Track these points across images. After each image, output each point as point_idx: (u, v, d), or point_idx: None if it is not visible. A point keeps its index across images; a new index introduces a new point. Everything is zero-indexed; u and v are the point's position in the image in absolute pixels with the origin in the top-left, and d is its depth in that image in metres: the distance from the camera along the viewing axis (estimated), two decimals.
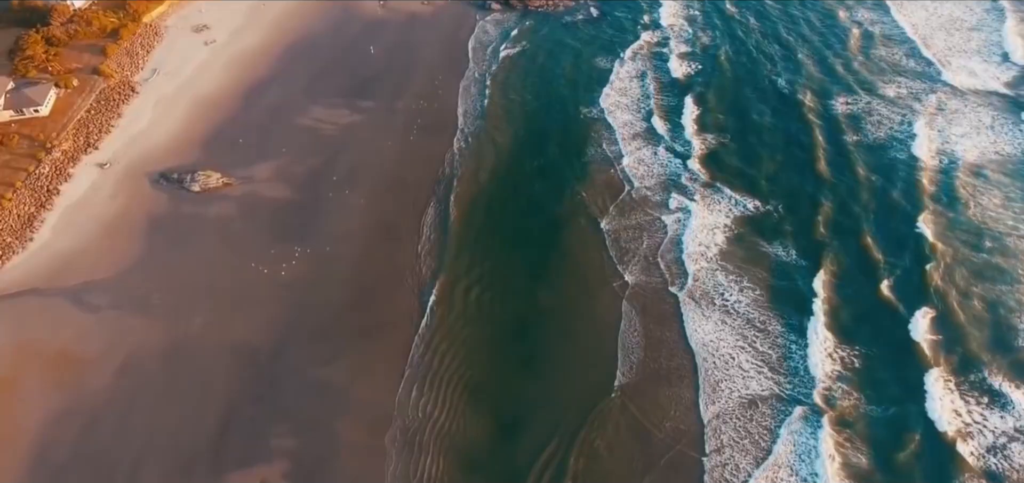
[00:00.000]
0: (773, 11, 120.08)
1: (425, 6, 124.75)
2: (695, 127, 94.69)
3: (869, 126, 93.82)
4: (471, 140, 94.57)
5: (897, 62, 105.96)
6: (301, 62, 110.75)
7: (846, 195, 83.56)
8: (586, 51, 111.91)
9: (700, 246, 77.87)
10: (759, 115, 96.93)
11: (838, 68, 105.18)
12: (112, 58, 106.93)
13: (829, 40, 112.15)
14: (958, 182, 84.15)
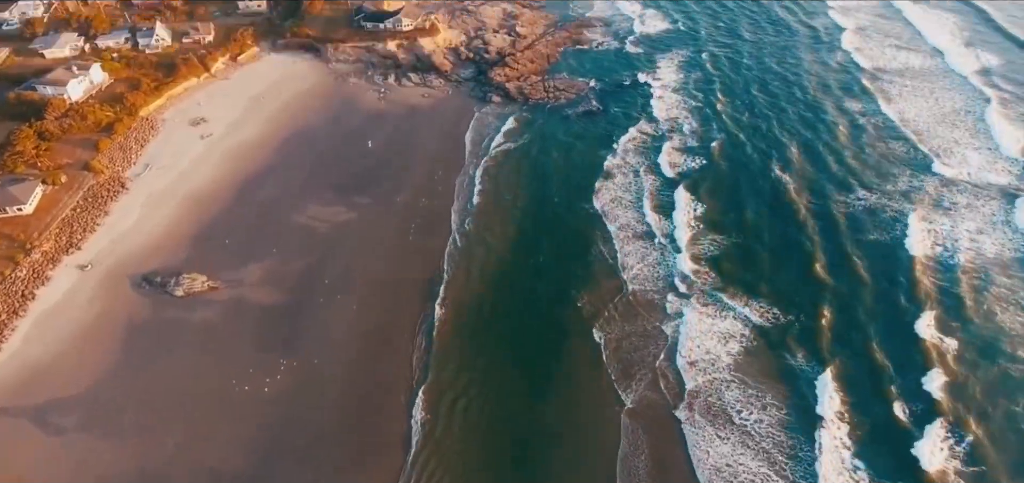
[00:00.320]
0: (764, 104, 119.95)
1: (425, 98, 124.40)
2: (692, 227, 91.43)
3: (865, 223, 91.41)
4: (469, 239, 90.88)
5: (889, 154, 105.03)
6: (298, 156, 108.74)
7: (847, 299, 79.90)
8: (584, 146, 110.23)
9: (699, 357, 73.20)
10: (755, 213, 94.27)
11: (830, 162, 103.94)
12: (104, 153, 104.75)
13: (820, 132, 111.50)
14: (959, 282, 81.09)
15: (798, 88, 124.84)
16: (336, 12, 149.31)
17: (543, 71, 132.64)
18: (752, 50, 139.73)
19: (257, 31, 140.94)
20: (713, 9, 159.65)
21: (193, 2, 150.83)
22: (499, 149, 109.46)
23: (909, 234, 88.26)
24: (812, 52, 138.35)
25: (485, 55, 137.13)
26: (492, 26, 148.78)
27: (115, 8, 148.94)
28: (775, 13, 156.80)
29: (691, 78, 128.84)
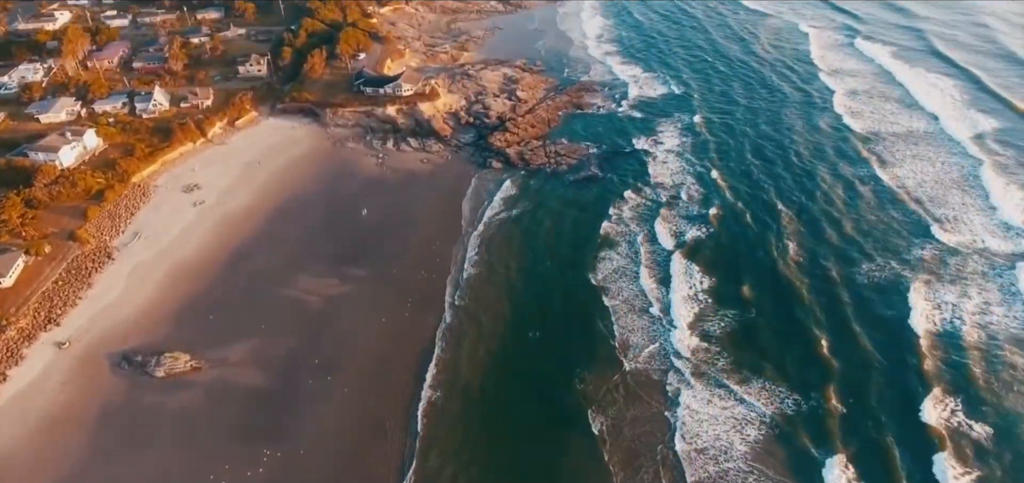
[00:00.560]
0: (760, 170, 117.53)
1: (424, 164, 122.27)
2: (692, 301, 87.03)
3: (868, 296, 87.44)
4: (464, 315, 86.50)
5: (888, 222, 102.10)
6: (292, 224, 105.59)
7: (853, 381, 75.10)
8: (583, 214, 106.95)
9: (702, 445, 68.06)
10: (755, 285, 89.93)
11: (829, 231, 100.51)
12: (92, 221, 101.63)
13: (817, 199, 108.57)
14: (966, 360, 76.82)
15: (794, 153, 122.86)
16: (336, 76, 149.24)
17: (544, 136, 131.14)
18: (747, 115, 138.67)
19: (256, 95, 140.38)
20: (708, 74, 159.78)
21: (193, 67, 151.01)
22: (498, 217, 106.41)
23: (913, 307, 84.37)
24: (806, 116, 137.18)
25: (485, 120, 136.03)
26: (492, 90, 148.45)
27: (115, 73, 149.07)
28: (768, 78, 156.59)
29: (689, 143, 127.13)
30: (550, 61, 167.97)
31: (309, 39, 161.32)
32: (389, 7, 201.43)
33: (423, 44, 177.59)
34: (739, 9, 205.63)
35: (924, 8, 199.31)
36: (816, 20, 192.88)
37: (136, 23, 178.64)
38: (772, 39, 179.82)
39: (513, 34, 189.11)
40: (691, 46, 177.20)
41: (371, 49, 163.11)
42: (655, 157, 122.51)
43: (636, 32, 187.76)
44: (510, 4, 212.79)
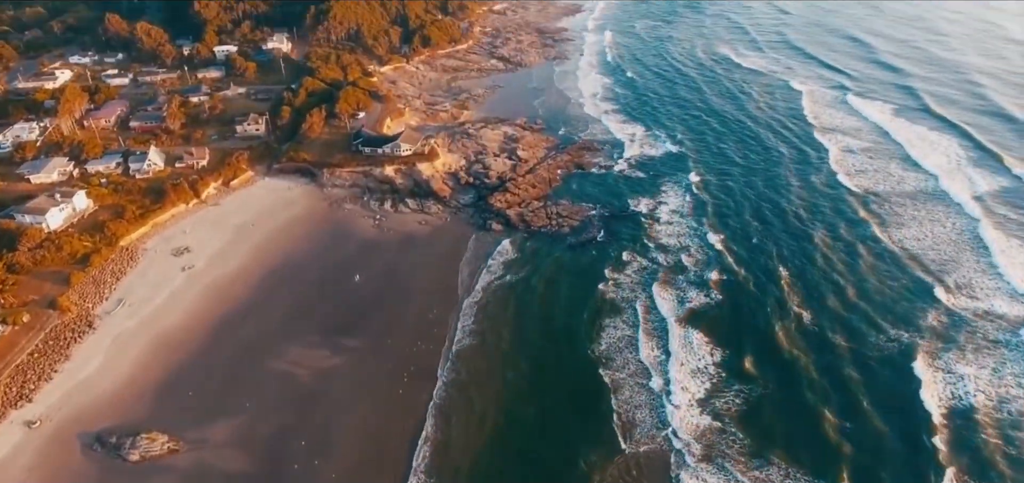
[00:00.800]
0: (760, 232, 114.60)
1: (422, 226, 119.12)
2: (694, 377, 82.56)
3: (874, 368, 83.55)
4: (460, 391, 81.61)
5: (890, 286, 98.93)
6: (284, 290, 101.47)
7: (866, 465, 70.60)
8: (584, 280, 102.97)
9: None
10: (758, 358, 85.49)
11: (832, 297, 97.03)
12: (75, 287, 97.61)
13: (819, 263, 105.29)
14: (979, 435, 73.08)
15: (793, 214, 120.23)
16: (335, 135, 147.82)
17: (544, 196, 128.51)
18: (745, 174, 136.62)
19: (253, 155, 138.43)
20: (704, 132, 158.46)
21: (191, 126, 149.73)
22: (498, 283, 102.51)
23: (923, 381, 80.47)
24: (803, 175, 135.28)
25: (485, 180, 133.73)
26: (493, 149, 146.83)
27: (111, 132, 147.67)
28: (764, 136, 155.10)
29: (689, 204, 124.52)
30: (550, 119, 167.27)
31: (309, 98, 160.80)
32: (390, 66, 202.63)
33: (423, 102, 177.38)
34: (732, 68, 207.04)
35: (914, 67, 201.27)
36: (808, 78, 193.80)
37: (137, 82, 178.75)
38: (766, 97, 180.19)
39: (513, 92, 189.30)
40: (686, 104, 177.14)
41: (371, 108, 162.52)
42: (656, 219, 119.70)
43: (632, 90, 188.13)
44: (510, 63, 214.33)
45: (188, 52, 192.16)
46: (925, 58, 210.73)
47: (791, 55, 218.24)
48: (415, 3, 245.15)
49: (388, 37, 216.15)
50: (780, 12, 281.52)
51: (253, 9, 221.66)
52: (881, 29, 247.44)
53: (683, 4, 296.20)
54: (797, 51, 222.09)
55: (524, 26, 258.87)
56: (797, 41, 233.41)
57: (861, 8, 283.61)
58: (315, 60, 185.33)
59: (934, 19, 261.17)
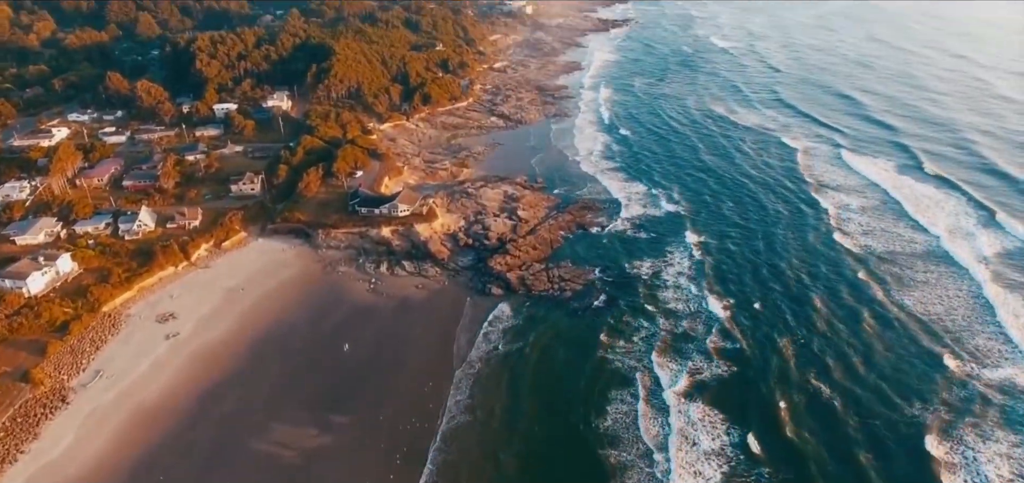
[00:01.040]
0: (764, 300, 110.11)
1: (419, 290, 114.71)
2: (701, 462, 77.40)
3: (890, 449, 78.76)
4: (453, 475, 75.86)
5: (899, 357, 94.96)
6: (273, 359, 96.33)
7: None
8: (588, 349, 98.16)
9: None
10: (767, 442, 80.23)
11: (837, 367, 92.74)
12: (51, 358, 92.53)
13: (823, 331, 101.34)
14: None
15: (794, 279, 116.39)
16: (332, 195, 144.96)
17: (546, 258, 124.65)
18: (745, 236, 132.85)
19: (247, 215, 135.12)
20: (705, 193, 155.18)
21: (186, 185, 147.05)
22: (496, 352, 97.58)
23: (936, 457, 76.63)
24: (803, 237, 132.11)
25: (485, 241, 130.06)
26: (493, 209, 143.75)
27: (103, 191, 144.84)
28: (762, 195, 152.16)
29: (691, 268, 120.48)
30: (550, 177, 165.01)
31: (306, 156, 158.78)
32: (390, 123, 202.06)
33: (422, 161, 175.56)
34: (727, 125, 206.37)
35: (908, 124, 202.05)
36: (802, 135, 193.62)
37: (134, 140, 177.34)
38: (761, 155, 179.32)
39: (513, 150, 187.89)
40: (684, 162, 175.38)
41: (369, 167, 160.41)
42: (657, 283, 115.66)
43: (631, 148, 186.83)
44: (510, 120, 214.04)
45: (187, 110, 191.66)
46: (918, 115, 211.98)
47: (785, 112, 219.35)
48: (416, 61, 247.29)
49: (388, 95, 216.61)
50: (771, 69, 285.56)
51: (255, 67, 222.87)
52: (872, 86, 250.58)
53: (677, 62, 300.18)
54: (790, 108, 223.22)
55: (524, 83, 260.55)
56: (790, 98, 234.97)
57: (850, 66, 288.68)
58: (314, 118, 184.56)
59: (924, 77, 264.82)
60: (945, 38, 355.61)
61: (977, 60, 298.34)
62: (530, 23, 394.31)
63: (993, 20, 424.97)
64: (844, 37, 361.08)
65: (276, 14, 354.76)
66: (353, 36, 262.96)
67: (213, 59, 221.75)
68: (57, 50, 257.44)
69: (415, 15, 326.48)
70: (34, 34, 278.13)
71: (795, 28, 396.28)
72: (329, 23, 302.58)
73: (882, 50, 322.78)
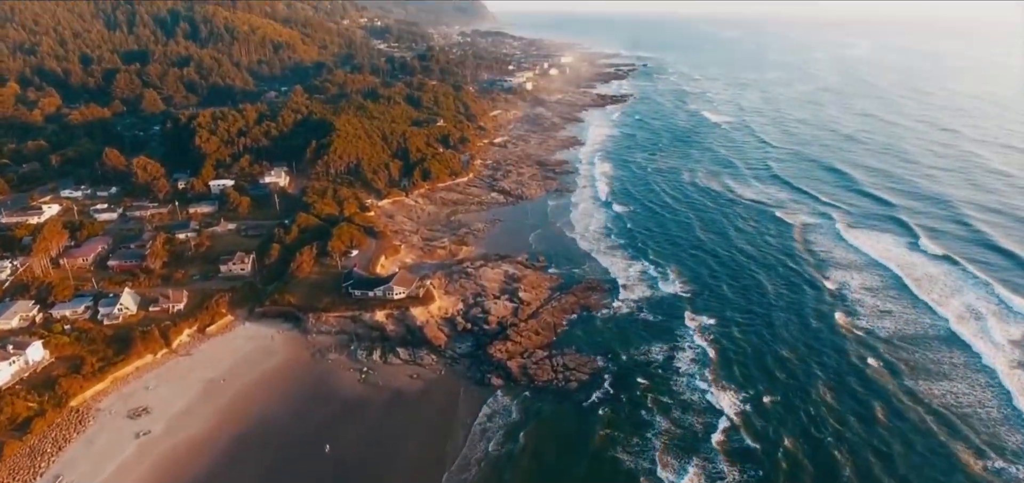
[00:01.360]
0: (768, 390, 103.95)
1: (413, 380, 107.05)
2: None
3: None
4: None
5: (916, 450, 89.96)
6: (250, 462, 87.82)
7: None
8: (593, 448, 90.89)
9: None
10: None
11: (848, 468, 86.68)
12: (7, 461, 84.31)
13: (832, 425, 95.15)
14: None
15: (801, 367, 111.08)
16: (325, 275, 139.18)
17: (549, 345, 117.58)
18: (748, 320, 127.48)
19: (235, 297, 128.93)
20: (705, 273, 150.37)
21: (174, 265, 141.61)
22: (494, 454, 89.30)
23: None
24: (806, 320, 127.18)
25: (484, 326, 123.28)
26: (493, 291, 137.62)
27: (87, 271, 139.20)
28: (762, 276, 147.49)
29: (699, 356, 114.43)
30: (552, 256, 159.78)
31: (301, 235, 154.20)
32: (389, 199, 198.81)
33: (421, 238, 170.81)
34: (724, 202, 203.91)
35: (903, 199, 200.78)
36: (798, 211, 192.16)
37: (125, 217, 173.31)
38: (759, 232, 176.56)
39: (514, 227, 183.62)
40: (683, 241, 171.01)
41: (365, 245, 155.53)
42: (665, 375, 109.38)
43: (631, 225, 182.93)
44: (510, 196, 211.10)
45: (183, 186, 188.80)
46: (914, 191, 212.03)
47: (779, 187, 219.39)
48: (417, 137, 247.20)
49: (388, 170, 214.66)
50: (763, 143, 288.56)
51: (254, 143, 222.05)
52: (865, 161, 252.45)
53: (673, 138, 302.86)
54: (785, 183, 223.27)
55: (525, 158, 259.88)
56: (784, 173, 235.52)
57: (841, 140, 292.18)
58: (311, 195, 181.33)
59: (916, 151, 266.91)
60: (933, 112, 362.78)
61: (966, 134, 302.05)
62: (530, 99, 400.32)
63: (977, 94, 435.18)
64: (833, 112, 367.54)
65: (280, 91, 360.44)
66: (354, 112, 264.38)
67: (213, 135, 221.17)
68: (59, 125, 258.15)
69: (417, 91, 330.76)
70: (39, 110, 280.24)
71: (785, 103, 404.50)
72: (331, 99, 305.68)
73: (873, 124, 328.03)
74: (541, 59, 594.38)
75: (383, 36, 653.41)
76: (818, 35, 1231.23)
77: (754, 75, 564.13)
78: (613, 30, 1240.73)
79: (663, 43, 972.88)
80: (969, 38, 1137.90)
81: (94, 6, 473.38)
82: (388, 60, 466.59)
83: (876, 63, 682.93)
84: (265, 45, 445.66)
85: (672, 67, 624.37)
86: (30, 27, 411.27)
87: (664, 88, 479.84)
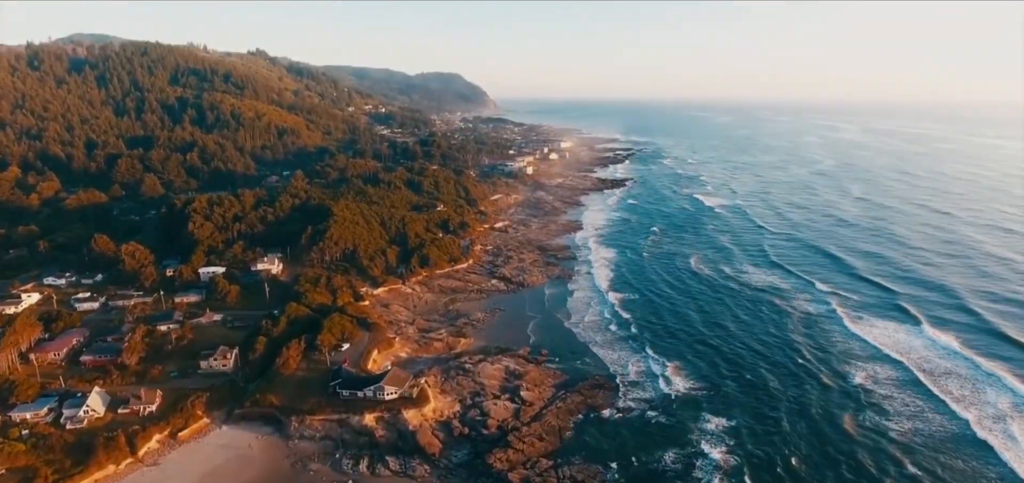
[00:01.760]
0: None
1: None
2: None
3: None
4: None
5: None
6: None
7: None
8: None
9: None
10: None
11: None
12: None
13: None
14: None
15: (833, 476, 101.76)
16: (313, 371, 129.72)
17: (554, 453, 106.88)
18: (761, 423, 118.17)
19: (213, 397, 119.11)
20: (715, 366, 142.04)
21: (151, 360, 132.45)
22: None
23: None
24: (829, 422, 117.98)
25: (483, 430, 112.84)
26: (492, 389, 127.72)
27: (58, 367, 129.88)
28: (773, 369, 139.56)
29: (710, 466, 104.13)
30: (556, 349, 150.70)
31: (289, 327, 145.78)
32: (385, 288, 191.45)
33: (416, 329, 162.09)
34: (725, 290, 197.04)
35: (907, 287, 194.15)
36: (804, 300, 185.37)
37: (107, 306, 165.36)
38: (762, 321, 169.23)
39: (515, 316, 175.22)
40: (689, 333, 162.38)
41: (358, 337, 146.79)
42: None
43: (636, 314, 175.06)
44: (511, 283, 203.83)
45: (171, 274, 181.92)
46: (914, 277, 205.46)
47: (779, 274, 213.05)
48: (416, 222, 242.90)
49: (385, 257, 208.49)
50: (758, 227, 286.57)
51: (249, 229, 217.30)
52: (859, 245, 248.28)
53: (673, 223, 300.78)
54: (786, 270, 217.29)
55: (526, 244, 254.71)
56: (783, 260, 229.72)
57: (832, 223, 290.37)
58: (304, 283, 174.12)
59: (913, 236, 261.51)
60: (922, 195, 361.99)
61: (959, 216, 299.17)
62: (531, 183, 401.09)
63: (961, 176, 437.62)
64: (828, 196, 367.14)
65: (282, 175, 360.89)
66: (353, 197, 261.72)
67: (207, 221, 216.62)
68: (53, 210, 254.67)
69: (418, 176, 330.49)
70: (36, 194, 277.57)
71: (779, 187, 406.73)
72: (332, 184, 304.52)
73: (867, 208, 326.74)
74: (541, 144, 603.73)
75: (387, 122, 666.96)
76: (808, 120, 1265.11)
77: (747, 158, 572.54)
78: (611, 116, 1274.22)
79: (658, 128, 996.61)
80: (953, 122, 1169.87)
81: (104, 93, 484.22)
82: (391, 145, 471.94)
83: (866, 146, 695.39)
84: (270, 130, 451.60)
85: (668, 151, 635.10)
86: (39, 113, 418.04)
87: (661, 172, 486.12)
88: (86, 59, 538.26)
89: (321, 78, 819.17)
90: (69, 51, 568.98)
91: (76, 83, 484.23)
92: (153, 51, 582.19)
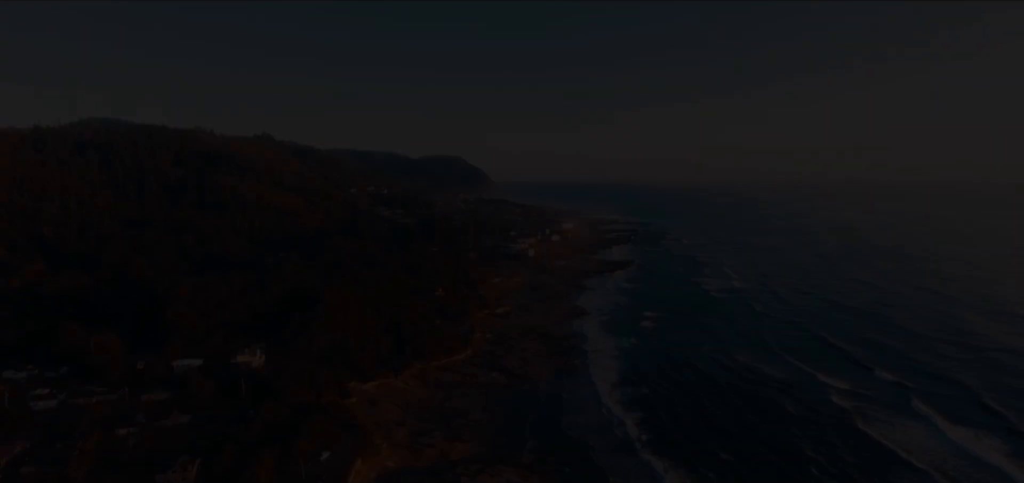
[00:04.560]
0: None
1: None
2: None
3: None
4: None
5: None
6: None
7: None
8: None
9: None
10: None
11: None
12: None
13: None
14: None
15: None
16: None
17: None
18: None
19: None
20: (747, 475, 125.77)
21: (102, 471, 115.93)
22: None
23: None
24: None
25: None
26: None
27: None
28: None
29: None
30: (560, 456, 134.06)
31: (264, 431, 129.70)
32: (375, 382, 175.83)
33: (408, 432, 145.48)
34: (733, 376, 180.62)
35: (921, 381, 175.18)
36: (833, 392, 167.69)
37: (66, 404, 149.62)
38: (784, 420, 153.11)
39: (518, 414, 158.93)
40: (713, 435, 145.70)
41: (340, 443, 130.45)
42: None
43: (650, 413, 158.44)
44: (513, 376, 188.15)
45: (141, 367, 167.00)
46: (927, 370, 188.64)
47: (793, 365, 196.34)
48: (412, 309, 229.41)
49: (377, 347, 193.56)
50: (762, 315, 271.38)
51: (233, 316, 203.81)
52: (867, 334, 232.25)
53: (680, 308, 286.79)
54: (796, 360, 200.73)
55: (529, 331, 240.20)
56: (789, 348, 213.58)
57: (840, 312, 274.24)
58: (285, 378, 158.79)
59: (922, 327, 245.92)
60: (928, 279, 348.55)
61: (964, 301, 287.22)
62: (533, 265, 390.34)
63: (972, 261, 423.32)
64: (831, 281, 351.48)
65: (278, 256, 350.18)
66: (347, 281, 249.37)
67: (190, 308, 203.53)
68: (32, 295, 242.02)
69: (416, 258, 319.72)
70: (18, 278, 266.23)
71: (781, 269, 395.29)
72: (328, 267, 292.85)
73: (868, 293, 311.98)
74: (543, 225, 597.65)
75: (389, 204, 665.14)
76: (808, 201, 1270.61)
77: (751, 239, 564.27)
78: (611, 198, 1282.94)
79: (659, 209, 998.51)
80: (955, 201, 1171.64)
81: (106, 175, 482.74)
82: (391, 226, 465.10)
83: (867, 226, 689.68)
84: (270, 212, 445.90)
85: (670, 232, 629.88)
86: (36, 193, 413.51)
87: (663, 253, 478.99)
88: (91, 141, 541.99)
89: (325, 160, 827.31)
90: (75, 135, 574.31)
91: (77, 164, 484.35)
92: (158, 135, 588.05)
